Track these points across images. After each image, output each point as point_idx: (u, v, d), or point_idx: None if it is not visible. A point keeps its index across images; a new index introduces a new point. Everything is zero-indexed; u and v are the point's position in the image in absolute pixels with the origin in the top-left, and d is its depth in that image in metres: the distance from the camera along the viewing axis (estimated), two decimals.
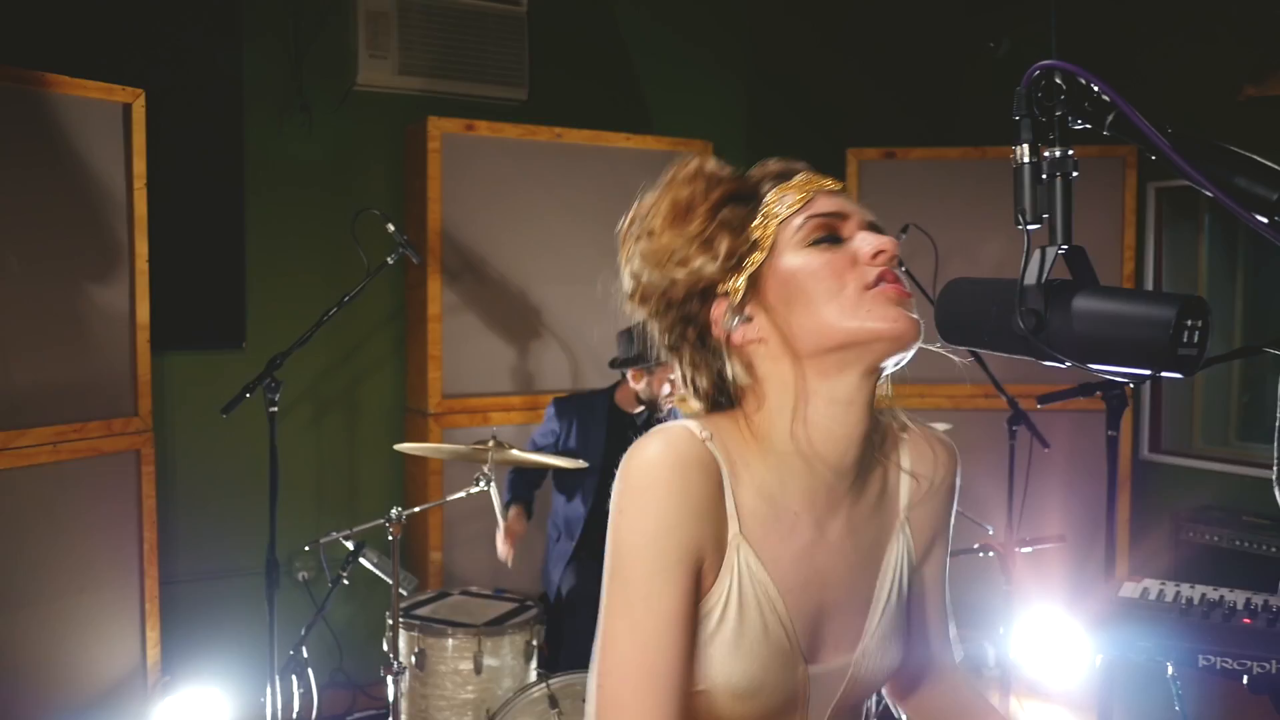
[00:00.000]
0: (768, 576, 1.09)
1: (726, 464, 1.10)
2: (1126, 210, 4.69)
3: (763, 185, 1.15)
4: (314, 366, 4.22)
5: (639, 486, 1.06)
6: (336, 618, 4.14)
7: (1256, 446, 4.96)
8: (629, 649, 1.04)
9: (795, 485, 1.13)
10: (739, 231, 1.11)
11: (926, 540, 1.26)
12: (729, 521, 1.09)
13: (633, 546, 1.05)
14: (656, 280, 1.15)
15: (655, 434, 1.09)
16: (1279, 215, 0.83)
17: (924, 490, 1.24)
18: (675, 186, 1.14)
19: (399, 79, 4.31)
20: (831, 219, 1.11)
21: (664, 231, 1.13)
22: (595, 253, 4.45)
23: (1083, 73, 0.89)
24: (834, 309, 1.08)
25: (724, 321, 1.13)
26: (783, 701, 1.11)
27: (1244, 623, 2.09)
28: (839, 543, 1.16)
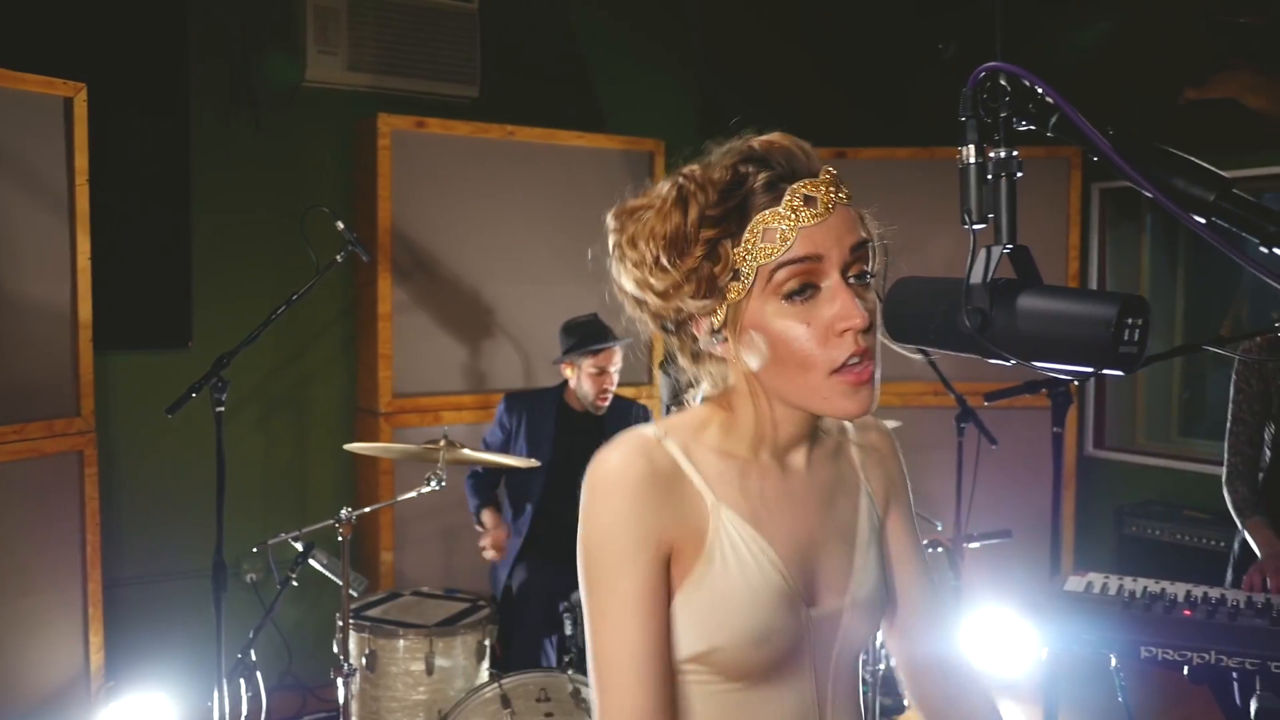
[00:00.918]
0: (752, 529, 1.15)
1: (683, 452, 1.17)
2: (1071, 210, 4.77)
3: (751, 201, 1.11)
4: (262, 366, 4.16)
5: (597, 491, 1.13)
6: (285, 620, 4.09)
7: (1197, 442, 5.06)
8: (605, 637, 1.11)
9: (759, 451, 1.20)
10: (724, 262, 1.12)
11: (883, 501, 1.33)
12: (702, 495, 1.15)
13: (596, 545, 1.12)
14: (641, 297, 1.18)
15: (612, 445, 1.15)
16: (1216, 216, 0.84)
17: (868, 454, 1.33)
18: (665, 216, 1.12)
19: (349, 75, 4.27)
20: (807, 265, 1.09)
21: (649, 265, 1.14)
22: (548, 252, 4.45)
23: (1027, 75, 0.91)
24: (798, 384, 1.12)
25: (704, 340, 1.18)
26: (791, 646, 1.16)
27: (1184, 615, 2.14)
28: (810, 489, 1.23)
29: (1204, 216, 0.85)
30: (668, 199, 1.13)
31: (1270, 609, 2.15)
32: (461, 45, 4.50)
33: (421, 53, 4.42)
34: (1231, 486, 2.87)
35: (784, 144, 1.15)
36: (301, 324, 4.24)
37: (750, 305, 1.12)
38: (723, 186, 1.12)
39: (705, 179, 1.13)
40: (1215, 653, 2.03)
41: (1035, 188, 4.63)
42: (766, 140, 1.16)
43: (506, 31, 4.68)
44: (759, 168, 1.13)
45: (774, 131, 1.17)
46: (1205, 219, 0.85)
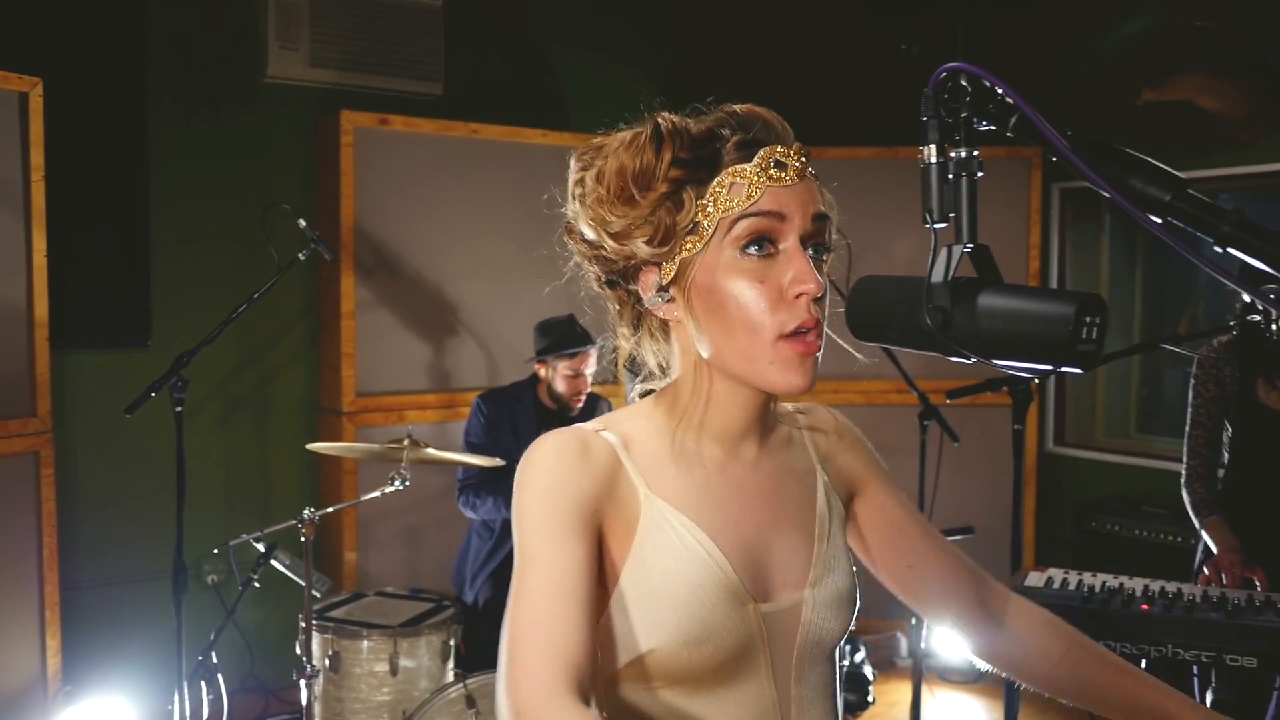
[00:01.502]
0: (690, 521, 1.11)
1: (621, 443, 1.14)
2: (1032, 210, 4.83)
3: (723, 153, 1.11)
4: (223, 365, 4.12)
5: (528, 467, 1.10)
6: (247, 621, 4.05)
7: (1156, 439, 5.14)
8: (523, 607, 1.03)
9: (703, 443, 1.17)
10: (684, 210, 1.10)
11: (845, 492, 1.29)
12: (635, 485, 1.12)
13: (521, 518, 1.08)
14: (592, 238, 1.15)
15: (545, 434, 1.13)
16: (1171, 216, 0.85)
17: (824, 444, 1.29)
18: (631, 152, 1.11)
19: (311, 71, 4.23)
20: (768, 221, 1.09)
21: (608, 200, 1.11)
22: (511, 249, 4.43)
23: (987, 75, 0.91)
24: (742, 346, 1.09)
25: (648, 297, 1.15)
26: (738, 645, 1.10)
27: (1142, 609, 2.17)
28: (761, 480, 1.19)
29: (1160, 216, 0.86)
30: (643, 134, 1.11)
31: (1226, 603, 2.19)
32: (425, 42, 4.48)
33: (385, 49, 4.39)
34: (1190, 488, 2.90)
35: (762, 113, 1.16)
36: (263, 323, 4.20)
37: (703, 261, 1.10)
38: (699, 135, 1.12)
39: (683, 125, 1.12)
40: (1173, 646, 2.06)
41: (996, 188, 4.67)
42: (746, 107, 1.16)
43: (471, 28, 4.66)
44: (735, 129, 1.13)
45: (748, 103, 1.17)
46: (1161, 219, 0.86)
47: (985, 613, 1.34)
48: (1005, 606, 1.35)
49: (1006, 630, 1.34)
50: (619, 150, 1.12)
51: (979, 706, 4.33)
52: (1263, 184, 4.60)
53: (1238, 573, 2.65)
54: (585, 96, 4.99)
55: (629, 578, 1.09)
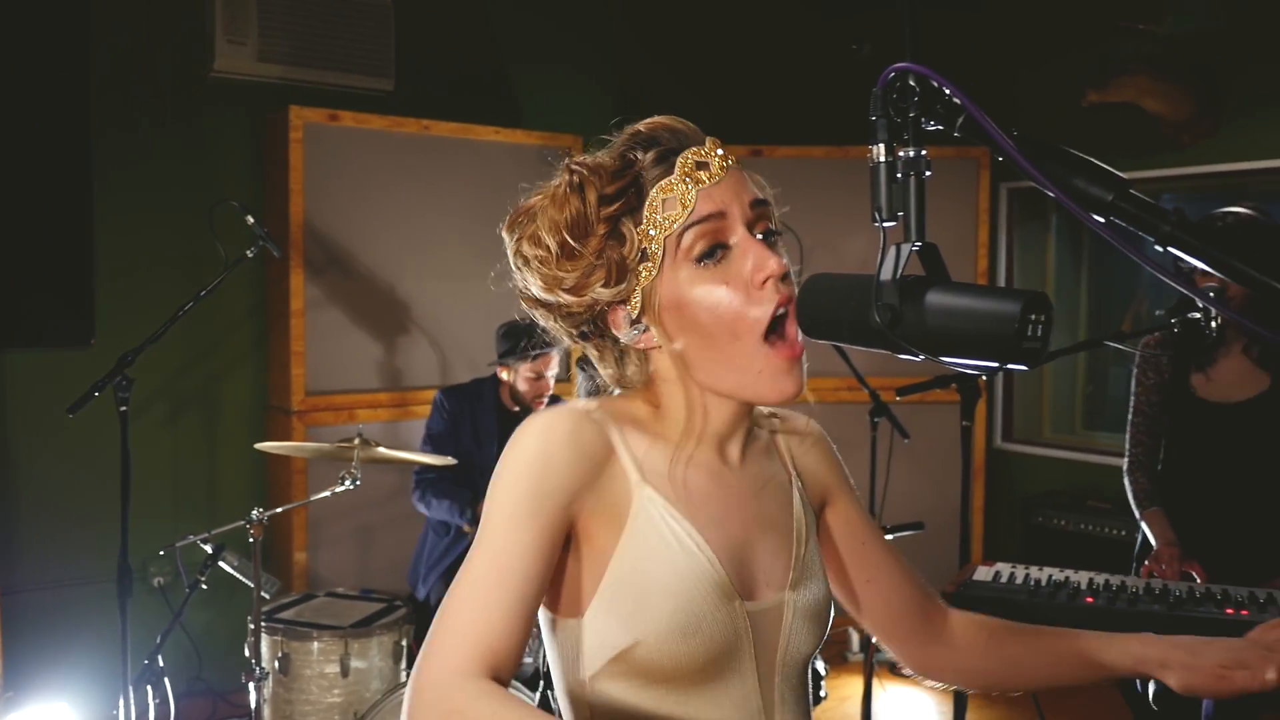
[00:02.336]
0: (680, 514, 1.11)
1: (615, 426, 1.13)
2: (980, 209, 4.89)
3: (644, 176, 1.12)
4: (169, 364, 4.05)
5: (516, 442, 1.08)
6: (195, 624, 3.98)
7: (1100, 434, 5.23)
8: (461, 587, 1.01)
9: (689, 438, 1.17)
10: (630, 244, 1.10)
11: (819, 497, 1.30)
12: (627, 473, 1.11)
13: (494, 494, 1.07)
14: (551, 299, 1.15)
15: (543, 411, 1.12)
16: (1114, 215, 0.87)
17: (799, 450, 1.30)
18: (557, 207, 1.11)
19: (259, 66, 4.17)
20: (713, 223, 1.10)
21: (555, 258, 1.11)
22: (464, 247, 4.41)
23: (935, 76, 0.92)
24: (728, 355, 1.10)
25: (624, 333, 1.15)
26: (726, 640, 1.10)
27: (1087, 602, 2.20)
28: (745, 482, 1.20)
29: (1103, 215, 0.87)
30: (561, 187, 1.12)
31: (1168, 594, 2.23)
32: (376, 37, 4.43)
33: (335, 44, 4.34)
34: (1132, 476, 2.96)
35: (666, 122, 1.16)
36: (210, 321, 4.14)
37: (664, 283, 1.11)
38: (614, 168, 1.12)
39: (596, 165, 1.12)
40: None
41: (946, 187, 4.73)
42: (649, 122, 1.16)
43: (422, 23, 4.62)
44: (646, 146, 1.13)
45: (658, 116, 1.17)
46: (1104, 218, 0.87)
47: (929, 627, 1.38)
48: (945, 619, 1.39)
49: (944, 640, 1.38)
50: (545, 209, 1.12)
51: (929, 700, 4.38)
52: (1202, 185, 4.70)
53: (1176, 567, 2.71)
54: (538, 93, 4.97)
55: (618, 566, 1.08)
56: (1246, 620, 2.08)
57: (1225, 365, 2.84)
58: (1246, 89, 4.35)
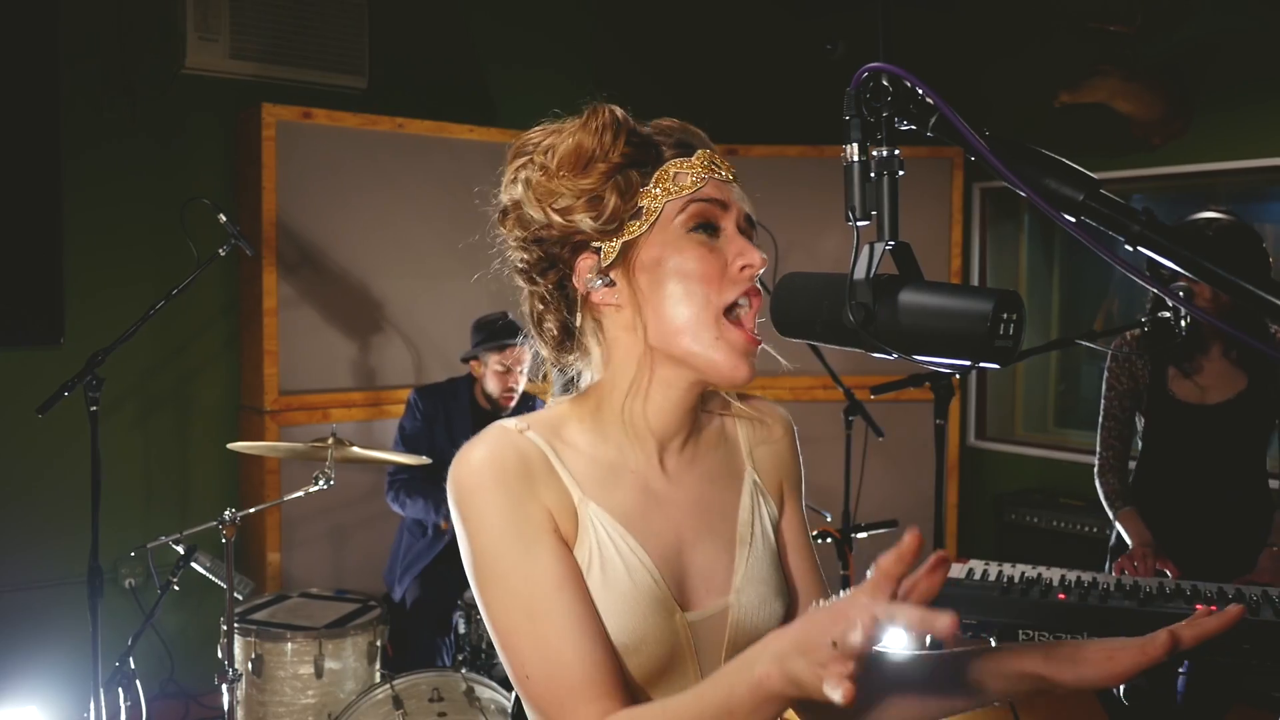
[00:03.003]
0: (621, 528, 1.11)
1: (548, 445, 1.13)
2: (954, 209, 4.92)
3: (664, 151, 1.15)
4: (140, 363, 4.02)
5: (470, 489, 1.07)
6: (167, 626, 3.95)
7: (1072, 432, 5.28)
8: (544, 635, 1.03)
9: (629, 446, 1.16)
10: (629, 195, 1.12)
11: (775, 489, 1.28)
12: (569, 489, 1.11)
13: (489, 543, 1.06)
14: (534, 215, 1.14)
15: (472, 442, 1.11)
16: (1084, 215, 0.88)
17: (760, 438, 1.28)
18: (585, 132, 1.13)
19: (231, 63, 4.14)
20: (714, 207, 1.13)
21: (557, 174, 1.12)
22: (438, 246, 4.39)
23: (908, 76, 0.93)
24: (688, 322, 1.10)
25: (587, 279, 1.14)
26: (668, 654, 1.10)
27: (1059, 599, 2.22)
28: (686, 490, 1.19)
29: (1074, 215, 0.88)
30: (601, 115, 1.14)
31: (1139, 591, 2.25)
32: (350, 34, 4.41)
33: (308, 41, 4.32)
34: (1104, 479, 2.97)
35: (689, 125, 1.20)
36: (182, 320, 4.10)
37: (648, 240, 1.12)
38: (642, 130, 1.16)
39: (629, 117, 1.16)
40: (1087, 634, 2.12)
41: (919, 186, 4.76)
42: (672, 121, 1.20)
43: (397, 21, 4.60)
44: (669, 133, 1.18)
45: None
46: (1075, 218, 0.88)
47: None
48: None
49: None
50: (575, 130, 1.14)
51: None
52: (1172, 185, 4.75)
53: (1150, 564, 2.73)
54: (513, 91, 4.96)
55: None
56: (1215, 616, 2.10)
57: (1205, 367, 2.87)
58: (1216, 90, 4.40)
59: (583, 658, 1.03)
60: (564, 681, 1.03)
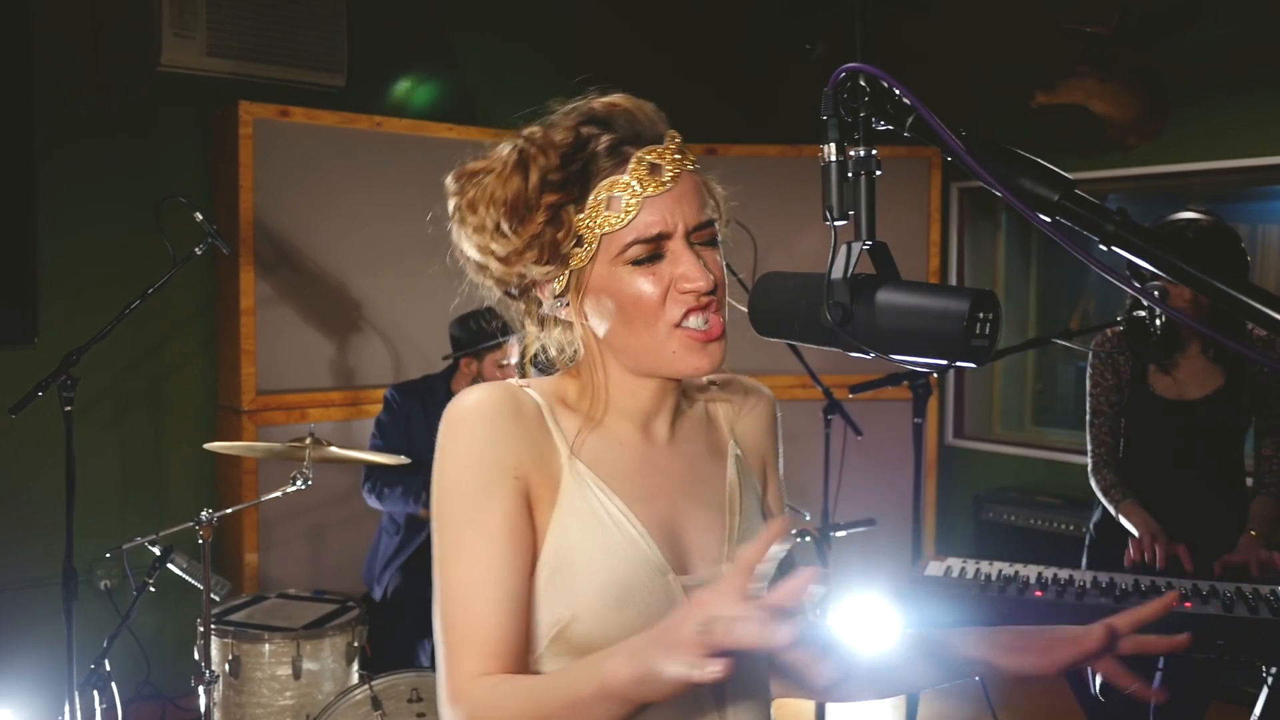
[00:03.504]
0: (610, 489, 1.11)
1: (545, 401, 1.14)
2: (932, 209, 4.94)
3: (595, 164, 1.11)
4: (116, 363, 3.98)
5: (453, 422, 1.09)
6: (143, 627, 3.92)
7: (1050, 431, 5.31)
8: (462, 573, 1.05)
9: (617, 420, 1.18)
10: (566, 228, 1.11)
11: (758, 464, 1.29)
12: (559, 447, 1.12)
13: (452, 476, 1.08)
14: (483, 263, 1.16)
15: (473, 387, 1.13)
16: (1059, 215, 0.88)
17: (741, 414, 1.29)
18: (500, 181, 1.11)
19: (207, 60, 4.11)
20: (653, 242, 1.09)
21: (491, 231, 1.12)
22: (417, 245, 4.37)
23: (885, 76, 0.93)
24: (643, 344, 1.11)
25: (548, 304, 1.16)
26: (662, 613, 1.07)
27: (1035, 595, 2.24)
28: (673, 460, 1.20)
29: (1049, 215, 0.88)
30: (508, 162, 1.12)
31: (1114, 588, 2.27)
32: (328, 32, 4.39)
33: (286, 38, 4.29)
34: (1099, 475, 2.98)
35: (626, 106, 1.15)
36: (158, 319, 4.07)
37: (594, 270, 1.11)
38: (564, 150, 1.11)
39: (546, 141, 1.11)
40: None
41: (898, 186, 4.78)
42: (608, 102, 1.16)
43: (375, 19, 4.58)
44: (601, 130, 1.12)
45: (616, 93, 1.17)
46: (1050, 217, 0.89)
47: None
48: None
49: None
50: (488, 181, 1.13)
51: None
52: (1148, 185, 4.79)
53: (1164, 550, 2.70)
54: (492, 90, 4.95)
55: (552, 541, 1.09)
56: (1189, 612, 2.12)
57: (1183, 364, 2.90)
58: (1191, 92, 4.44)
59: (490, 613, 1.04)
60: (466, 626, 1.04)
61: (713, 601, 0.84)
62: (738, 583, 0.84)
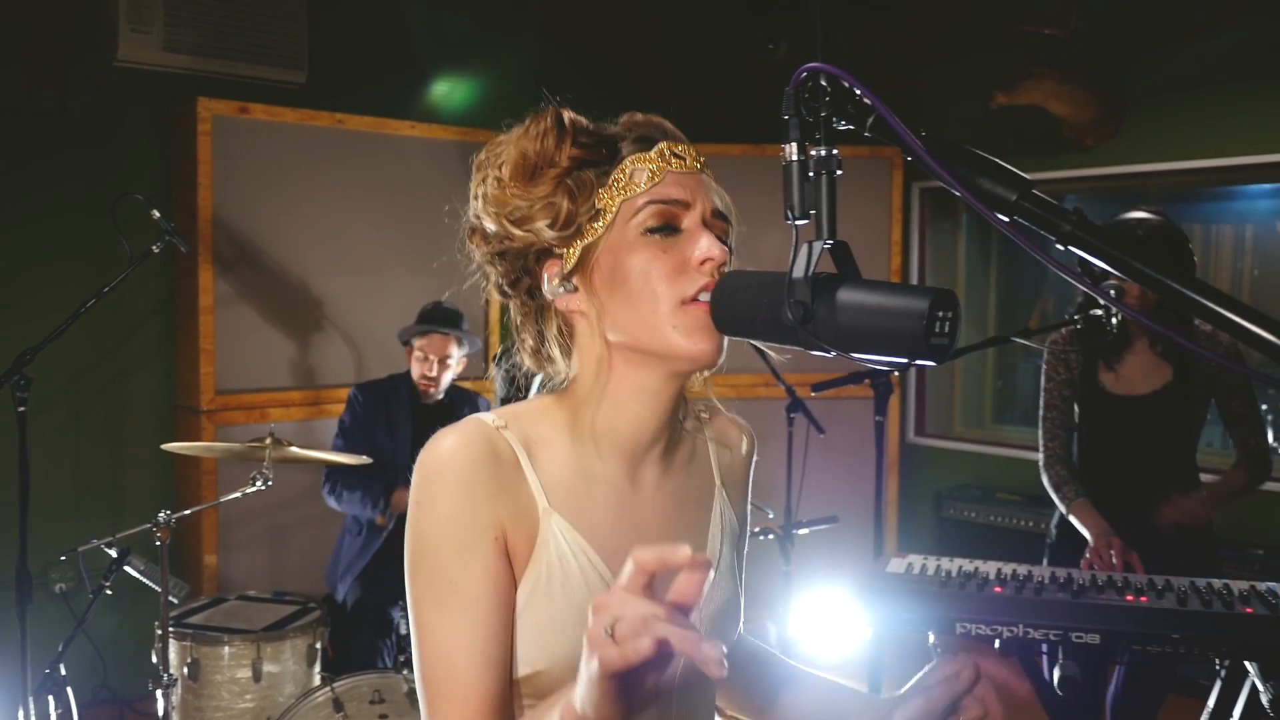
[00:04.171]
0: (586, 543, 1.09)
1: (523, 446, 1.10)
2: (894, 209, 4.98)
3: (622, 146, 1.12)
4: (71, 362, 3.92)
5: (431, 477, 1.06)
6: (100, 631, 3.86)
7: (1009, 428, 5.37)
8: (444, 634, 1.04)
9: (604, 457, 1.14)
10: (585, 196, 1.10)
11: (740, 507, 1.30)
12: (535, 498, 1.09)
13: (430, 536, 1.05)
14: (494, 230, 1.13)
15: (448, 429, 1.09)
16: (1017, 215, 0.89)
17: (731, 458, 1.29)
18: (527, 139, 1.11)
19: (165, 56, 4.06)
20: (673, 207, 1.10)
21: (509, 184, 1.11)
22: (379, 243, 4.35)
23: (846, 76, 0.93)
24: (648, 314, 1.08)
25: (551, 286, 1.13)
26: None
27: (995, 591, 2.26)
28: (656, 506, 1.18)
29: (1007, 215, 0.89)
30: (544, 120, 1.12)
31: (1072, 583, 2.29)
32: (288, 28, 4.34)
33: (245, 34, 4.24)
34: (1052, 470, 3.00)
35: (657, 119, 1.18)
36: (115, 318, 4.01)
37: (607, 244, 1.10)
38: (597, 129, 1.14)
39: (580, 118, 1.14)
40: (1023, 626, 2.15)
41: (860, 186, 4.81)
42: (643, 116, 1.18)
43: (336, 14, 4.54)
44: (631, 128, 1.15)
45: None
46: (1008, 217, 0.89)
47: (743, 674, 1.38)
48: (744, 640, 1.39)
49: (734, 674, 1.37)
50: (519, 138, 1.12)
51: None
52: (1104, 186, 4.86)
53: (1120, 555, 2.71)
54: (456, 89, 4.93)
55: (524, 596, 1.07)
56: (1146, 607, 2.15)
57: (1131, 360, 2.94)
58: (1146, 94, 4.50)
59: (474, 674, 1.04)
60: (450, 686, 1.04)
61: (613, 602, 0.83)
62: (635, 582, 0.83)
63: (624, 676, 0.83)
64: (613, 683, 0.83)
